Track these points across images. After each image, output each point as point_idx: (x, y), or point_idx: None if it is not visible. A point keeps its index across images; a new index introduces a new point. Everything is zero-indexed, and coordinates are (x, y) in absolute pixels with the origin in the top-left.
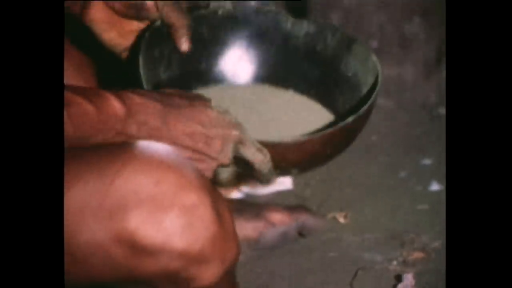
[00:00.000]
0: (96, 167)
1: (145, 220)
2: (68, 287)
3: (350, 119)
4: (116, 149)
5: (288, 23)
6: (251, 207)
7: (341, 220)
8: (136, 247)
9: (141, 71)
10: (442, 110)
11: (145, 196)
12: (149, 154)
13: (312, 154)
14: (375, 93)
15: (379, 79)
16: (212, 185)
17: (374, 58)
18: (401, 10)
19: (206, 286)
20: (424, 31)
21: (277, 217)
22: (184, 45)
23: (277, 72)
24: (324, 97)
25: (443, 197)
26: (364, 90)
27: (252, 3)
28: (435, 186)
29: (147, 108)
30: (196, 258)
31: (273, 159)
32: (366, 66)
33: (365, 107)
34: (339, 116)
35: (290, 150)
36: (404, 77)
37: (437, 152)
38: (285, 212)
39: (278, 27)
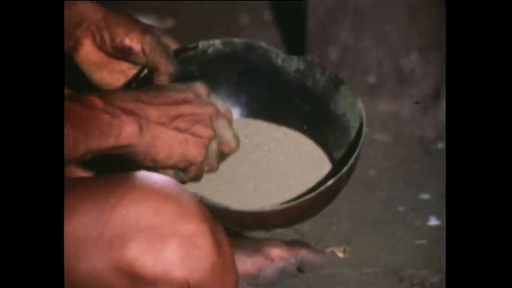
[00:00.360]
0: (96, 198)
1: (144, 250)
2: None
3: (330, 182)
4: (115, 180)
5: (279, 59)
6: (250, 242)
7: (340, 254)
8: (135, 277)
9: None
10: (440, 145)
11: (144, 226)
12: (148, 184)
13: (295, 217)
14: (356, 152)
15: (363, 131)
16: (211, 214)
17: (360, 104)
18: (398, 46)
19: None
20: (421, 66)
21: (276, 252)
22: None
23: (269, 107)
24: (316, 134)
25: (442, 232)
26: (353, 133)
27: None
28: (433, 221)
29: (122, 95)
30: None
31: (257, 223)
32: (353, 110)
33: (345, 169)
34: (331, 156)
35: (272, 217)
36: (402, 113)
37: (435, 187)
38: (284, 247)
39: (269, 63)
